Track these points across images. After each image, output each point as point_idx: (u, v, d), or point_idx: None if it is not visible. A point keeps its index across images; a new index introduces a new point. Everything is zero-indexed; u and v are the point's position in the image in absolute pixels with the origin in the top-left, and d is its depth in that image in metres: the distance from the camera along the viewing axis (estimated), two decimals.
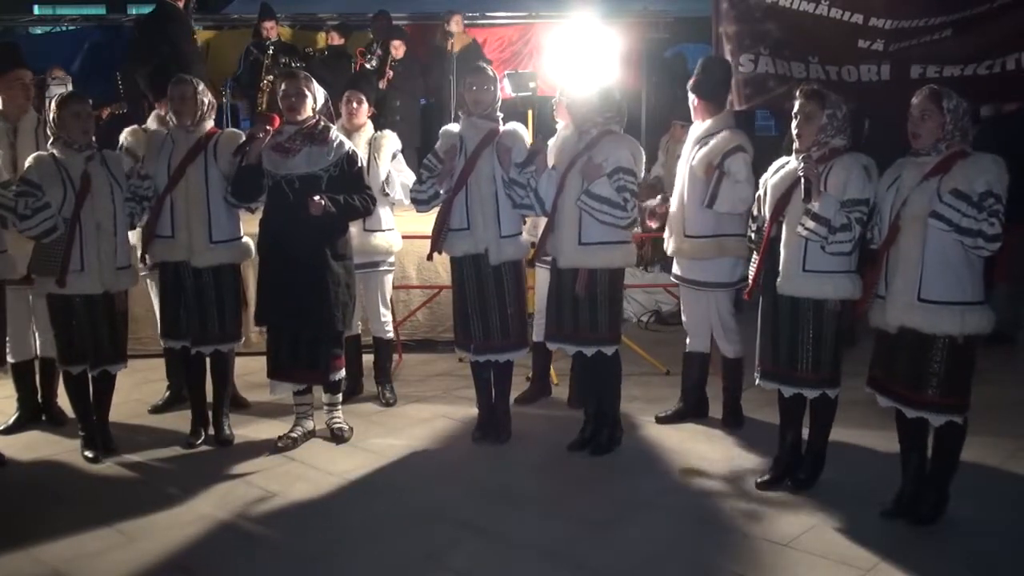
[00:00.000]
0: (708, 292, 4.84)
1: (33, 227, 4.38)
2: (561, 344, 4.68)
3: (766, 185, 4.14)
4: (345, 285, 4.66)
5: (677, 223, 4.81)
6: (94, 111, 4.71)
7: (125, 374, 4.93)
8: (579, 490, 4.32)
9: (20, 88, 4.98)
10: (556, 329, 4.67)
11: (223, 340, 4.80)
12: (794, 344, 4.05)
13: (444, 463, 4.66)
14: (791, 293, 4.01)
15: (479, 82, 4.65)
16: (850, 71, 5.52)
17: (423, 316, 6.68)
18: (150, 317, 5.61)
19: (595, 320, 4.54)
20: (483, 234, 4.64)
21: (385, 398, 5.52)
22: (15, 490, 4.39)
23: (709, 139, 4.68)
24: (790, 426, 4.24)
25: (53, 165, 4.45)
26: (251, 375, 5.62)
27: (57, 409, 5.18)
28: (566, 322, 4.60)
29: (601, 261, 4.50)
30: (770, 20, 5.69)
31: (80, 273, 4.44)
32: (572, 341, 4.62)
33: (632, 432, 4.95)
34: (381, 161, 5.24)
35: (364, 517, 4.04)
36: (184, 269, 4.69)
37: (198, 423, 4.89)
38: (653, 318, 7.48)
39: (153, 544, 3.79)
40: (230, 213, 4.76)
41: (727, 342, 4.90)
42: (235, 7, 11.71)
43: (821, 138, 3.93)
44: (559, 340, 4.68)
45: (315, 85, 4.68)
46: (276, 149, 4.57)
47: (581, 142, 4.54)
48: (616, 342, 4.65)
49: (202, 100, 4.72)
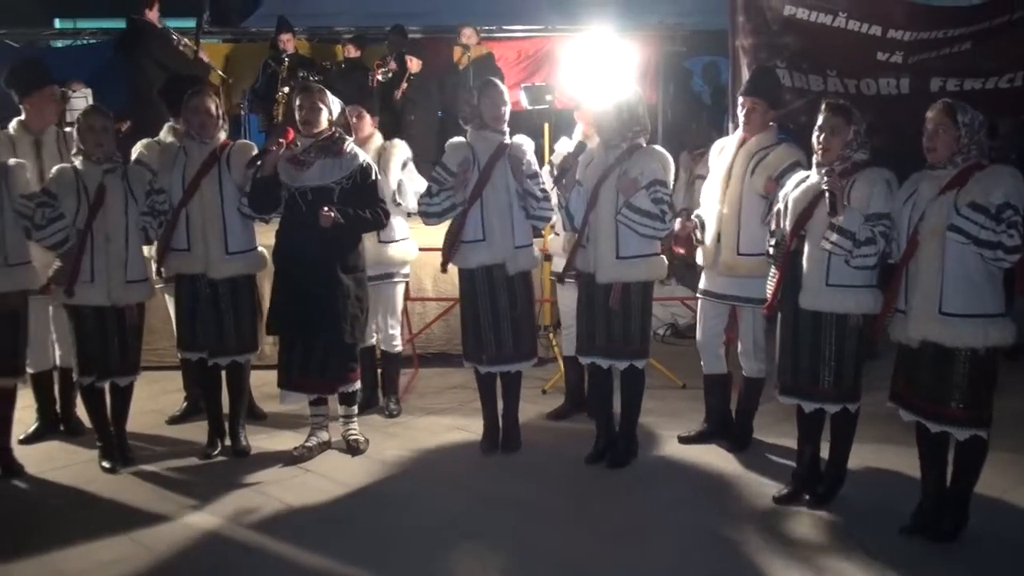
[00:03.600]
0: (748, 308, 4.72)
1: (47, 237, 4.44)
2: (595, 358, 4.66)
3: (786, 199, 4.12)
4: (356, 298, 4.67)
5: (728, 240, 4.62)
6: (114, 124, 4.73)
7: (142, 385, 4.96)
8: (593, 502, 4.30)
9: (51, 103, 5.06)
10: (589, 343, 4.65)
11: (239, 351, 4.82)
12: (816, 359, 4.02)
13: (458, 475, 4.65)
14: (814, 308, 3.98)
15: (498, 97, 4.67)
16: (869, 84, 5.49)
17: (439, 329, 6.68)
18: (167, 329, 5.63)
19: (628, 333, 4.54)
20: (500, 245, 4.65)
21: (390, 410, 5.52)
22: (34, 499, 4.41)
23: (763, 154, 4.55)
24: (809, 441, 4.21)
25: (72, 177, 4.50)
26: (267, 386, 5.63)
27: (75, 419, 5.20)
28: (599, 336, 4.59)
29: (638, 274, 4.51)
30: (787, 33, 5.68)
31: (89, 284, 4.47)
32: (605, 354, 4.60)
33: (648, 446, 4.93)
34: (391, 171, 5.25)
35: (378, 528, 4.04)
36: (200, 281, 4.71)
37: (215, 434, 4.91)
38: (670, 331, 7.46)
39: (170, 554, 3.80)
40: (245, 224, 4.78)
41: (754, 360, 4.81)
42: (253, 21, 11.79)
43: (846, 152, 3.93)
44: (592, 354, 4.66)
45: (330, 98, 4.69)
46: (291, 161, 4.59)
47: (610, 156, 4.54)
48: (647, 355, 4.66)
49: (218, 111, 4.75)
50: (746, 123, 4.64)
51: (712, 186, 4.74)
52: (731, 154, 4.66)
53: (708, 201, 4.74)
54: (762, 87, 4.66)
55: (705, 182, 4.87)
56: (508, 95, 4.75)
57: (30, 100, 4.96)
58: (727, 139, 4.79)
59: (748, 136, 4.63)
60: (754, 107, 4.60)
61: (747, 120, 4.63)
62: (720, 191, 4.66)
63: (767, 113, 4.62)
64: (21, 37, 10.67)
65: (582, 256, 4.60)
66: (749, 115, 4.62)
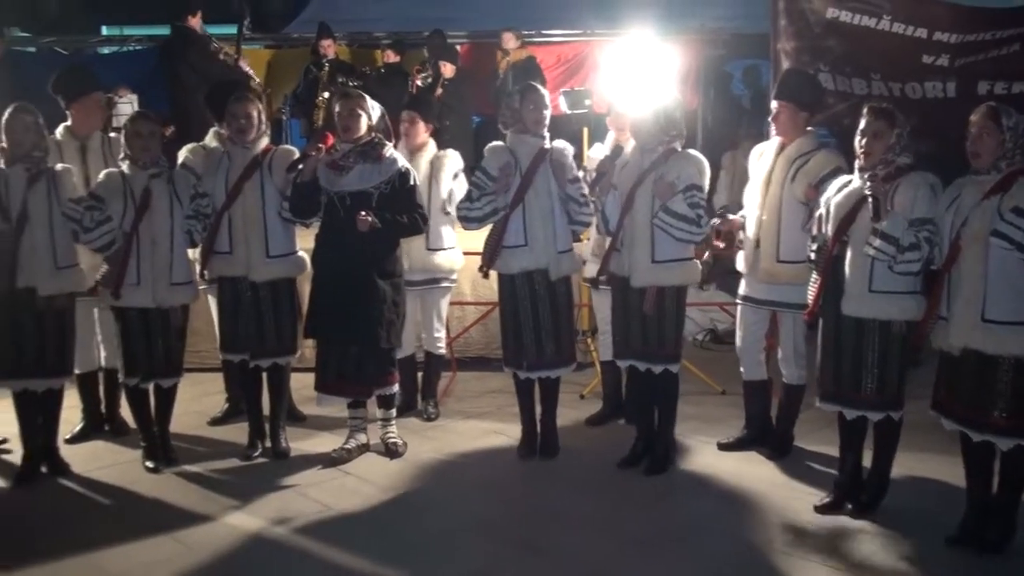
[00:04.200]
0: (789, 314, 4.66)
1: (95, 239, 4.53)
2: (632, 361, 4.64)
3: (828, 204, 4.07)
4: (392, 303, 4.69)
5: (768, 247, 4.57)
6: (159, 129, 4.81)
7: (185, 386, 5.03)
8: (630, 509, 4.28)
9: (96, 108, 5.16)
10: (625, 347, 4.64)
11: (280, 353, 4.87)
12: (858, 366, 3.97)
13: (495, 479, 4.65)
14: (856, 314, 3.93)
15: (539, 101, 4.67)
16: (914, 88, 5.42)
17: (477, 333, 6.69)
18: (210, 331, 5.70)
19: (663, 337, 4.53)
20: (543, 250, 4.65)
21: (428, 413, 5.54)
22: (79, 498, 4.49)
23: (804, 160, 4.49)
24: (851, 449, 4.15)
25: (119, 180, 4.58)
26: (307, 389, 5.66)
27: (120, 419, 5.29)
28: (635, 339, 4.57)
29: (674, 278, 4.50)
30: (830, 36, 5.62)
31: (135, 287, 4.55)
32: (642, 358, 4.59)
33: (686, 452, 4.90)
34: (443, 180, 5.28)
35: (415, 532, 4.06)
36: (242, 284, 4.76)
37: (255, 435, 4.96)
38: (709, 337, 7.41)
39: (211, 554, 3.84)
40: (286, 228, 4.84)
41: (795, 367, 4.75)
42: (294, 27, 11.92)
43: (889, 156, 3.88)
44: (629, 357, 4.65)
45: (369, 103, 4.73)
46: (331, 166, 4.63)
47: (645, 161, 4.52)
48: (680, 359, 4.65)
49: (260, 116, 4.81)
50: (776, 127, 4.60)
51: (752, 192, 4.69)
52: (770, 160, 4.61)
53: (748, 207, 4.71)
54: (790, 90, 4.60)
55: (745, 187, 4.83)
56: (549, 99, 4.75)
57: (76, 106, 5.06)
58: (766, 144, 4.74)
59: (787, 141, 4.57)
60: (782, 110, 4.56)
61: (776, 123, 4.59)
62: (760, 197, 4.61)
63: (797, 115, 4.54)
64: (69, 44, 10.89)
65: (616, 260, 4.59)
66: (777, 118, 4.57)
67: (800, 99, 4.56)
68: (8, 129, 4.50)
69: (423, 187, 5.20)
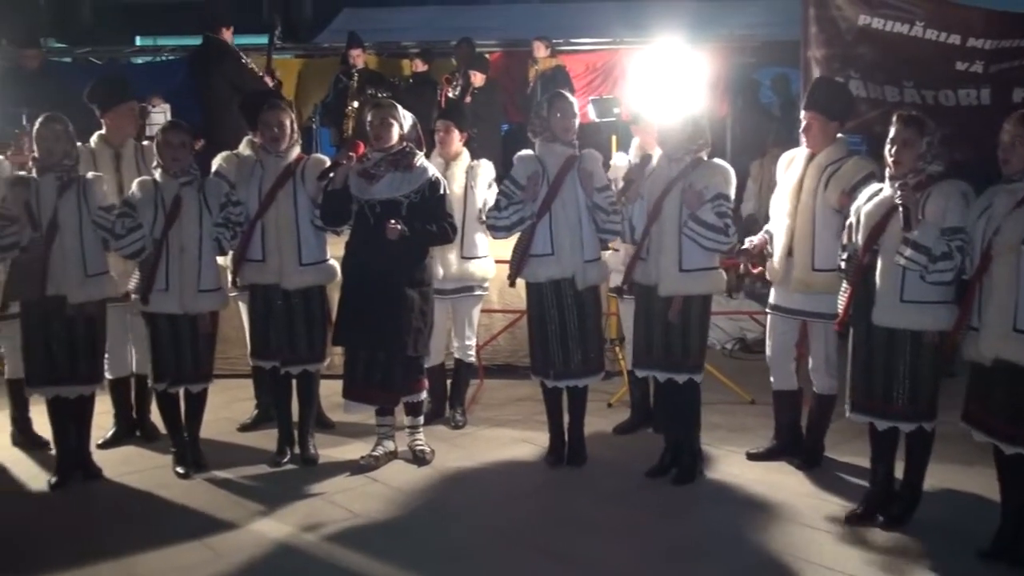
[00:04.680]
0: (820, 324, 4.60)
1: (125, 246, 4.59)
2: (651, 371, 4.63)
3: (858, 212, 4.04)
4: (420, 312, 4.70)
5: (802, 256, 4.51)
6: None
7: (215, 392, 5.07)
8: (658, 518, 4.26)
9: (130, 118, 5.24)
10: (646, 356, 4.63)
11: (310, 360, 4.90)
12: (890, 376, 3.93)
13: (523, 488, 4.65)
14: (888, 324, 3.89)
15: (568, 110, 4.67)
16: (948, 95, 5.36)
17: (504, 341, 6.70)
18: (240, 337, 5.75)
19: (687, 346, 4.51)
20: (569, 259, 4.65)
21: (455, 420, 5.55)
22: (111, 503, 4.54)
23: (836, 167, 4.44)
24: (882, 460, 4.11)
25: (152, 189, 4.64)
26: (336, 396, 5.68)
27: (151, 425, 5.34)
28: (656, 348, 4.56)
29: (701, 287, 4.49)
30: (862, 43, 5.57)
31: (164, 293, 4.60)
32: (662, 367, 4.57)
33: (714, 462, 4.87)
34: (478, 189, 5.29)
35: (443, 539, 4.06)
36: (274, 291, 4.80)
37: (284, 442, 4.99)
38: (737, 346, 7.37)
39: (240, 560, 3.87)
40: (318, 236, 4.87)
41: (826, 376, 4.71)
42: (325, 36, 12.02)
43: (919, 165, 3.84)
44: (649, 367, 4.64)
45: (401, 112, 4.75)
46: (362, 175, 4.66)
47: (672, 170, 4.51)
48: (702, 369, 4.63)
49: (292, 125, 4.85)
50: (806, 138, 4.56)
51: (781, 200, 4.65)
52: (800, 167, 4.57)
53: (776, 215, 4.67)
54: (820, 101, 4.54)
55: (773, 195, 4.80)
56: (578, 107, 4.75)
57: (110, 115, 5.14)
58: (795, 151, 4.70)
59: (815, 150, 4.54)
60: (812, 121, 4.51)
61: (806, 135, 4.55)
62: (790, 205, 4.57)
63: (828, 126, 4.50)
64: (104, 54, 11.04)
65: (642, 268, 4.58)
66: (808, 130, 4.53)
67: (830, 110, 4.51)
68: (39, 138, 4.57)
69: (459, 196, 5.23)
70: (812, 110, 4.52)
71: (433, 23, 12.31)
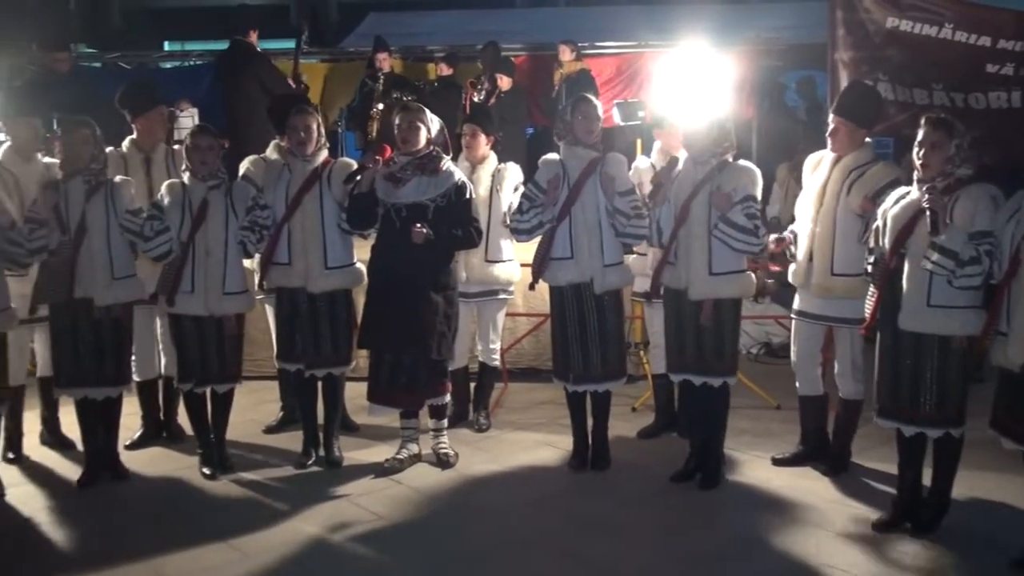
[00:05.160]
0: (846, 329, 4.58)
1: (153, 248, 4.63)
2: (685, 375, 4.61)
3: (885, 216, 4.00)
4: (444, 315, 4.70)
5: (821, 260, 4.50)
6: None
7: (242, 394, 5.10)
8: (682, 523, 4.24)
9: (159, 122, 5.30)
10: (680, 360, 4.61)
11: (335, 363, 4.92)
12: (917, 381, 3.89)
13: (546, 491, 4.64)
14: (914, 329, 3.85)
15: (590, 113, 4.67)
16: (978, 98, 5.30)
17: (529, 344, 6.69)
18: (266, 339, 5.78)
19: (720, 350, 4.50)
20: (588, 263, 4.64)
21: (479, 423, 5.55)
22: (138, 503, 4.58)
23: (860, 171, 4.41)
24: (910, 466, 4.06)
25: (180, 191, 4.68)
26: (360, 398, 5.71)
27: (177, 426, 5.39)
28: (690, 352, 4.54)
29: (731, 290, 4.47)
30: (890, 46, 5.53)
31: (189, 295, 4.64)
32: (697, 371, 4.55)
33: (740, 467, 4.84)
34: (504, 192, 5.29)
35: (466, 542, 4.07)
36: (300, 294, 4.83)
37: (309, 444, 5.01)
38: (763, 350, 7.32)
39: (266, 561, 3.89)
40: (344, 239, 4.89)
41: (853, 381, 4.67)
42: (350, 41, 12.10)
43: (948, 168, 3.80)
44: (683, 371, 4.61)
45: (428, 116, 4.77)
46: (388, 178, 4.68)
47: (699, 172, 4.50)
48: (736, 372, 4.62)
49: (319, 129, 4.88)
50: (832, 142, 4.53)
51: (805, 203, 4.63)
52: (826, 171, 4.55)
53: (801, 218, 4.64)
54: (849, 106, 4.51)
55: (798, 198, 4.77)
56: (601, 111, 4.75)
57: (140, 120, 5.20)
58: (821, 154, 4.66)
59: (841, 154, 4.51)
60: (840, 126, 4.48)
61: (833, 139, 4.52)
62: (813, 209, 4.54)
63: (856, 132, 4.47)
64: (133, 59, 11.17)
65: (670, 273, 4.56)
66: (835, 134, 4.50)
67: (859, 116, 4.48)
68: (66, 143, 4.63)
69: (485, 199, 5.24)
70: (840, 115, 4.49)
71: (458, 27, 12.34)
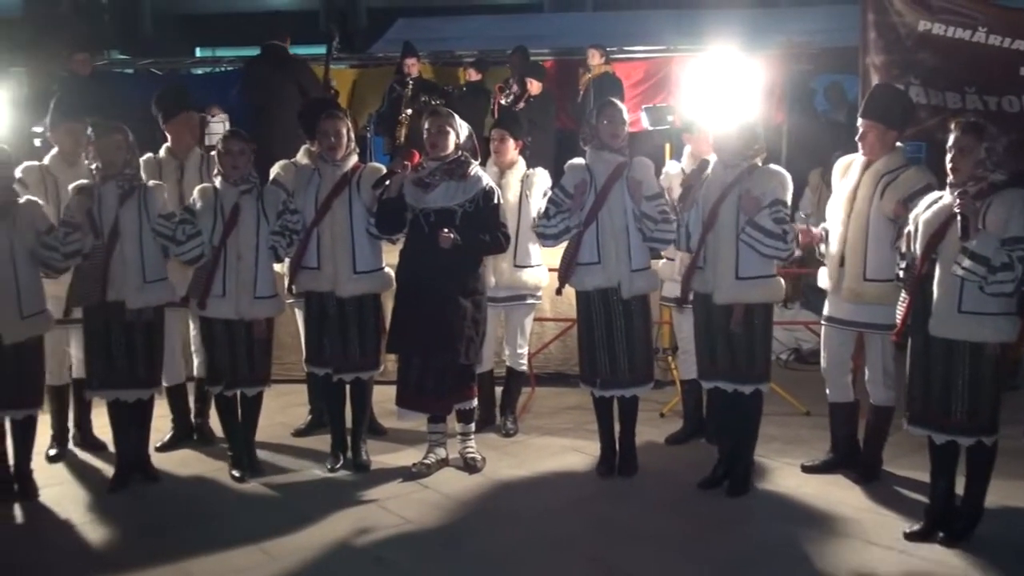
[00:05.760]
0: (877, 335, 4.53)
1: (185, 252, 4.69)
2: (718, 382, 4.57)
3: (917, 221, 3.96)
4: (472, 320, 4.71)
5: (853, 265, 4.46)
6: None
7: (270, 398, 5.14)
8: (710, 531, 4.21)
9: (187, 128, 5.34)
10: (711, 367, 4.57)
11: (363, 368, 4.94)
12: (948, 388, 3.84)
13: (573, 496, 4.63)
14: (945, 335, 3.81)
15: (616, 117, 4.66)
16: (1011, 101, 5.24)
17: (556, 349, 6.69)
18: (296, 343, 5.82)
19: (752, 356, 4.47)
20: (615, 268, 4.62)
21: (506, 428, 5.55)
22: (169, 505, 4.62)
23: (892, 176, 4.37)
24: (942, 475, 4.01)
25: (212, 196, 4.73)
26: (388, 402, 5.74)
27: (207, 429, 5.44)
28: (721, 359, 4.51)
29: (758, 295, 4.44)
30: (922, 49, 5.48)
31: (220, 298, 4.68)
32: (729, 378, 4.52)
33: (768, 474, 4.80)
34: (533, 197, 5.28)
35: (494, 547, 4.07)
36: (329, 299, 4.85)
37: (337, 448, 5.04)
38: (793, 356, 7.27)
39: (294, 564, 3.91)
40: (373, 244, 4.91)
41: (884, 387, 4.62)
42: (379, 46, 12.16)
43: (978, 172, 3.76)
44: (715, 378, 4.58)
45: (458, 121, 4.78)
46: (417, 183, 4.69)
47: (728, 176, 4.47)
48: (768, 379, 4.58)
49: (348, 134, 4.91)
50: (862, 146, 4.49)
51: (835, 207, 4.58)
52: (856, 175, 4.51)
53: (831, 222, 4.60)
54: (879, 109, 4.47)
55: (828, 201, 4.73)
56: (627, 115, 4.74)
57: (170, 125, 5.27)
58: (851, 157, 4.62)
59: (872, 158, 4.47)
60: (869, 130, 4.44)
61: (862, 143, 4.48)
62: (844, 213, 4.51)
63: (886, 135, 4.43)
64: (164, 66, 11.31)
65: (699, 278, 4.53)
66: (864, 138, 4.46)
67: (889, 119, 4.44)
68: (100, 148, 4.69)
69: (514, 204, 5.24)
70: (869, 118, 4.45)
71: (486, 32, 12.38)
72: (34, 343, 4.59)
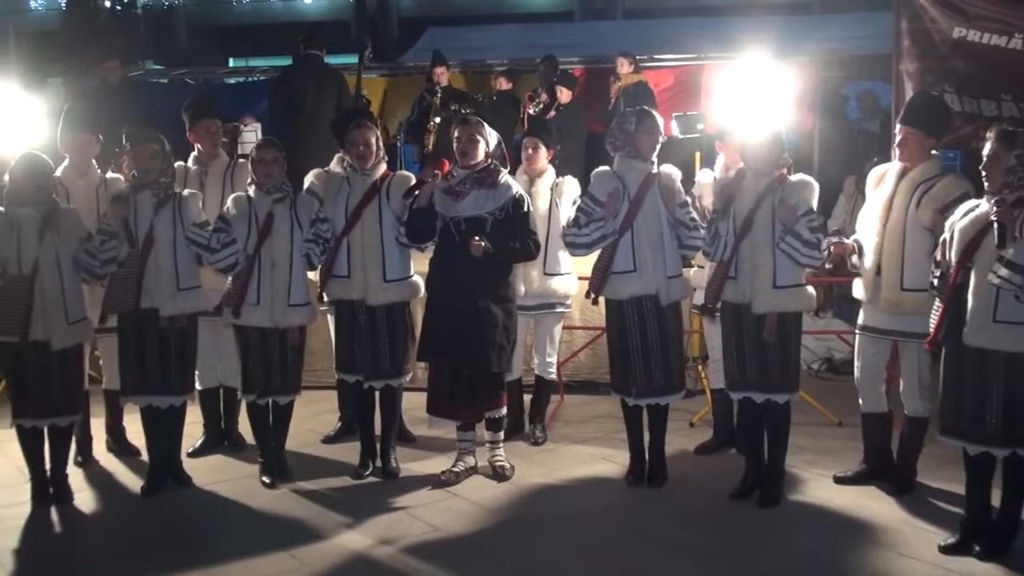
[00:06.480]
0: (913, 344, 4.47)
1: (220, 260, 4.73)
2: (748, 392, 4.54)
3: (952, 229, 3.91)
4: (503, 328, 4.71)
5: (890, 275, 4.42)
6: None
7: (301, 404, 5.17)
8: (741, 542, 4.18)
9: (208, 135, 5.37)
10: (741, 377, 4.55)
11: (392, 376, 4.96)
12: (982, 399, 3.78)
13: (603, 505, 4.62)
14: (979, 344, 3.75)
15: (655, 129, 4.66)
16: None
17: (585, 357, 6.67)
18: (327, 351, 5.85)
19: (786, 365, 4.45)
20: (652, 276, 4.61)
21: (535, 437, 5.54)
22: (200, 510, 4.67)
23: (929, 184, 4.33)
24: (978, 487, 3.95)
25: (246, 204, 4.77)
26: (418, 410, 5.76)
27: (238, 435, 5.48)
28: (751, 369, 4.49)
29: (793, 304, 4.43)
30: (956, 56, 5.43)
31: (255, 307, 4.71)
32: (760, 388, 4.50)
33: (801, 485, 4.76)
34: (563, 206, 5.28)
35: (522, 555, 4.06)
36: (359, 307, 4.87)
37: (367, 455, 5.05)
38: (825, 366, 7.20)
39: (323, 570, 3.93)
40: (402, 253, 4.93)
41: (919, 398, 4.57)
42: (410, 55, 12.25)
43: (1012, 180, 3.70)
44: (745, 388, 4.55)
45: (487, 130, 4.80)
46: (447, 192, 4.71)
47: (760, 184, 4.45)
48: (798, 389, 4.57)
49: (378, 143, 4.94)
50: (900, 153, 4.45)
51: (870, 216, 4.54)
52: (892, 184, 4.46)
53: (866, 232, 4.56)
54: (918, 116, 4.43)
55: (861, 211, 4.69)
56: (662, 124, 4.74)
57: (193, 132, 5.33)
58: (886, 166, 4.58)
59: (909, 166, 4.42)
60: (909, 136, 4.40)
61: (900, 149, 4.44)
62: (879, 223, 4.46)
63: (925, 142, 4.39)
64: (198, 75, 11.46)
65: (732, 287, 4.50)
66: (903, 145, 4.42)
67: (929, 126, 4.40)
68: (135, 157, 4.75)
69: (543, 212, 5.24)
70: (910, 125, 4.41)
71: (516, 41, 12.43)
72: (77, 350, 4.67)
